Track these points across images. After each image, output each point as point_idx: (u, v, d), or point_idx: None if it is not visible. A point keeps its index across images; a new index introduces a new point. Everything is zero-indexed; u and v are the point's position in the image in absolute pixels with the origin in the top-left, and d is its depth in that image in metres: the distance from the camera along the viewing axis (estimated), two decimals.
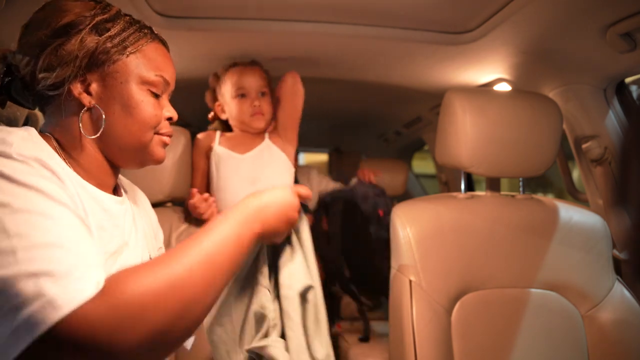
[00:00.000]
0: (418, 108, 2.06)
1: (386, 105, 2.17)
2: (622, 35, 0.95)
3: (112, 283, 0.48)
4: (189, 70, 1.48)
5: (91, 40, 0.62)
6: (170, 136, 0.72)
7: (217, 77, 1.39)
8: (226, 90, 1.35)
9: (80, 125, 0.63)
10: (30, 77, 0.61)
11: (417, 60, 1.39)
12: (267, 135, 1.37)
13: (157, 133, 0.70)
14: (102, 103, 0.64)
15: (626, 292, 1.04)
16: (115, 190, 0.73)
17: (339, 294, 2.08)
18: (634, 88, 1.24)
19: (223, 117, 1.38)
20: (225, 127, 1.42)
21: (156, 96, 0.69)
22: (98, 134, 0.64)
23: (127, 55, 0.65)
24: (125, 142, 0.67)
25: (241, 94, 1.32)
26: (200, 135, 1.37)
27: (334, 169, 3.03)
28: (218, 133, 1.37)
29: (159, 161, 0.72)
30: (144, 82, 0.67)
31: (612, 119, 1.20)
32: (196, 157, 1.34)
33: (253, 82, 1.33)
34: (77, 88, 0.63)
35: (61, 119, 0.64)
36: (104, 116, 0.64)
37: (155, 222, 0.86)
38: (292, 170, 1.37)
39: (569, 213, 1.09)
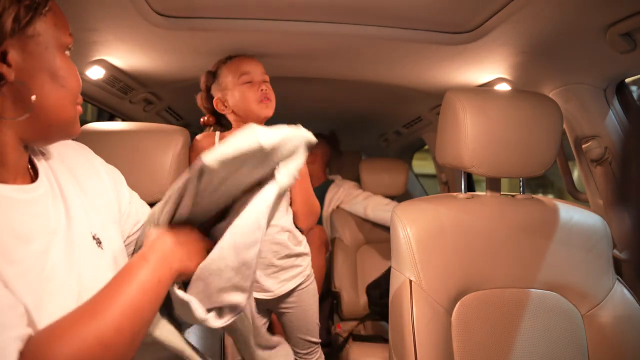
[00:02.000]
0: (418, 108, 2.06)
1: (386, 105, 2.17)
2: (622, 35, 0.95)
3: (37, 351, 0.44)
4: (189, 69, 1.48)
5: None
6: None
7: (212, 74, 1.35)
8: (228, 81, 1.30)
9: None
10: None
11: (417, 60, 1.39)
12: None
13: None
14: (25, 75, 0.53)
15: (626, 292, 1.04)
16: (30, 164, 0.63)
17: (340, 293, 2.08)
18: (634, 88, 1.24)
19: (225, 111, 1.33)
20: (221, 126, 1.39)
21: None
22: (27, 115, 0.54)
23: (45, 14, 0.55)
24: (56, 119, 0.58)
25: (247, 81, 1.28)
26: (199, 137, 1.34)
27: (334, 169, 3.02)
28: (217, 135, 1.33)
29: (77, 134, 0.64)
30: (63, 45, 0.58)
31: (612, 119, 1.21)
32: (194, 160, 1.31)
33: (257, 67, 1.30)
34: None
35: None
36: (33, 97, 0.54)
37: (109, 179, 0.75)
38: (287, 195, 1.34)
39: (569, 213, 1.09)
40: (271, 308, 1.44)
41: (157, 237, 0.64)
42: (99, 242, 0.65)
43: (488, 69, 1.38)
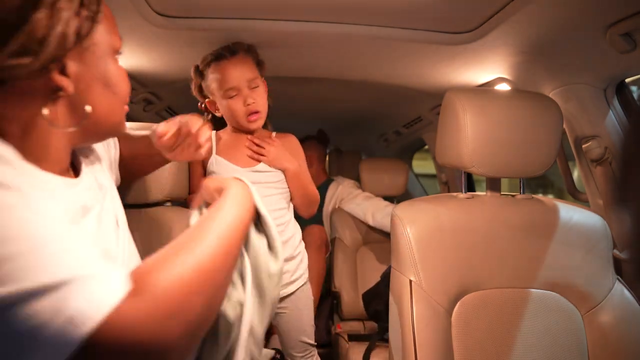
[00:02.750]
0: (418, 108, 2.06)
1: (386, 105, 2.17)
2: (622, 35, 0.95)
3: (141, 279, 0.44)
4: (189, 69, 1.48)
5: (68, 7, 0.48)
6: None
7: (200, 73, 1.29)
8: (214, 88, 1.24)
9: (46, 116, 0.51)
10: None
11: (417, 60, 1.39)
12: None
13: None
14: (81, 86, 0.53)
15: (626, 292, 1.04)
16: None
17: (341, 292, 2.08)
18: (634, 88, 1.24)
19: (218, 114, 1.31)
20: (218, 121, 1.36)
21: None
22: (79, 125, 0.54)
23: (100, 21, 0.54)
24: (107, 124, 0.59)
25: (232, 95, 1.21)
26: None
27: (333, 169, 3.03)
28: (213, 136, 1.31)
29: (123, 132, 0.67)
30: (115, 50, 0.58)
31: (612, 119, 1.20)
32: (193, 162, 1.29)
33: (241, 76, 1.20)
34: (54, 71, 0.50)
35: (12, 111, 0.49)
36: (88, 108, 0.54)
37: (106, 157, 0.78)
38: (288, 192, 1.33)
39: (569, 213, 1.09)
40: None
41: (239, 181, 0.69)
42: (117, 223, 0.68)
43: (488, 69, 1.38)
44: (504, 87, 1.45)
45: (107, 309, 0.39)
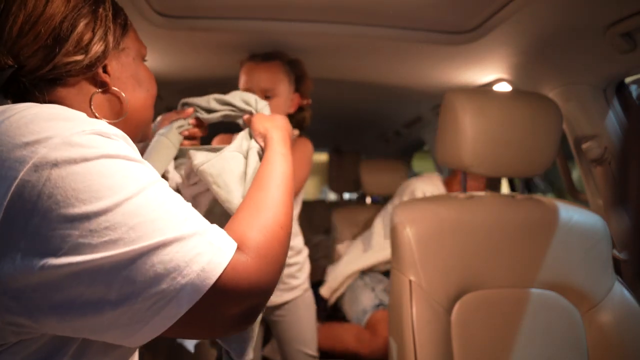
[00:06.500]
0: (418, 108, 2.07)
1: (386, 105, 2.17)
2: (622, 35, 0.95)
3: (239, 237, 0.52)
4: (190, 70, 1.48)
5: (105, 16, 0.57)
6: None
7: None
8: (240, 87, 1.25)
9: (93, 109, 0.58)
10: (47, 60, 0.52)
11: (417, 60, 1.39)
12: None
13: None
14: (120, 83, 0.61)
15: (626, 293, 1.04)
16: None
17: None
18: (634, 88, 1.24)
19: None
20: None
21: None
22: (123, 117, 0.62)
23: (129, 30, 0.63)
24: (143, 119, 0.66)
25: None
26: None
27: (334, 169, 3.03)
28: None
29: (149, 139, 0.75)
30: (142, 55, 0.66)
31: (612, 119, 1.20)
32: None
33: (257, 82, 1.21)
34: (99, 69, 0.58)
35: (69, 106, 0.53)
36: (124, 95, 0.61)
37: None
38: None
39: (569, 213, 1.09)
40: (264, 315, 1.41)
41: (276, 130, 0.77)
42: None
43: (488, 69, 1.38)
44: (504, 87, 1.45)
45: (229, 258, 0.47)
